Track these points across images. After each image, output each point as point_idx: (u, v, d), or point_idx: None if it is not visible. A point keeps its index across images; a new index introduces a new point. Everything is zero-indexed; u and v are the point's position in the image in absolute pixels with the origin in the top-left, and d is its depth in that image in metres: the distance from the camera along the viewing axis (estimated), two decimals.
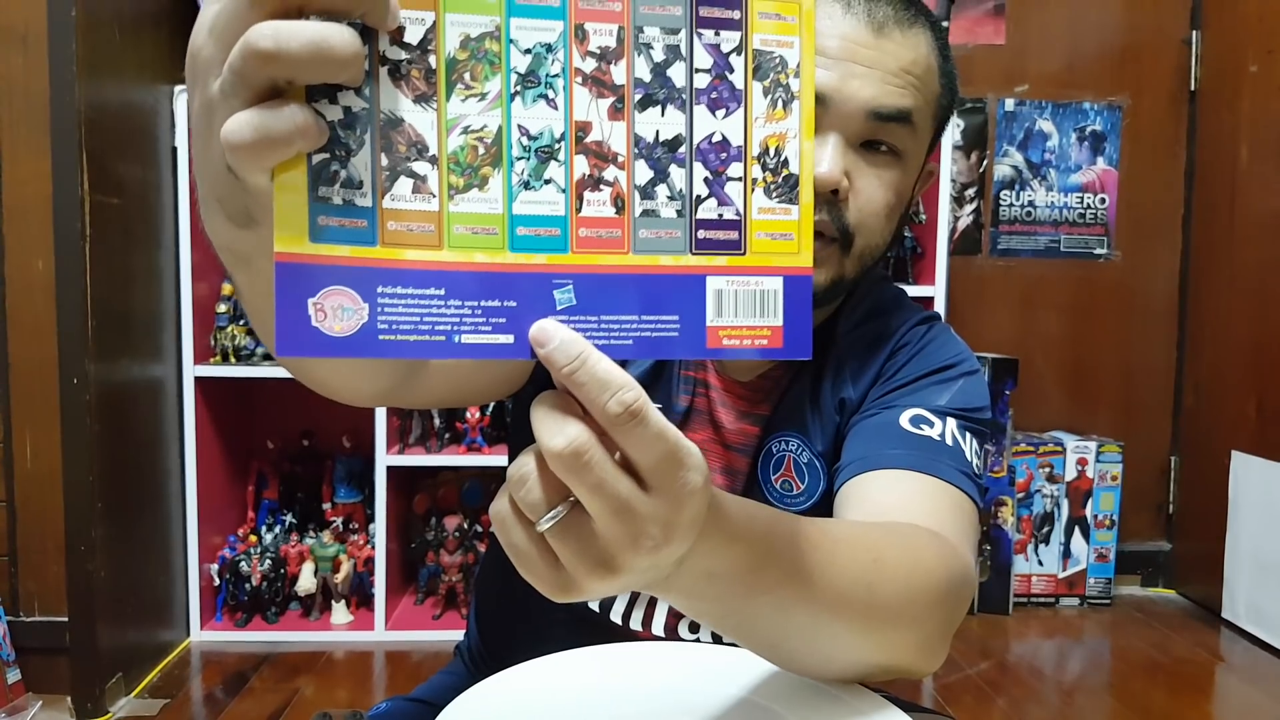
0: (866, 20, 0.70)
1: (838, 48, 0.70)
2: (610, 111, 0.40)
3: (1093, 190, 2.55)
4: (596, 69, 0.39)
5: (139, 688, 1.90)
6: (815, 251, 0.58)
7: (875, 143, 0.72)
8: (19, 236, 1.75)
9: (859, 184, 0.71)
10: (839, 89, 0.70)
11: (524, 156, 0.39)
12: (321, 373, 0.57)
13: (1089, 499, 2.41)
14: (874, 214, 0.72)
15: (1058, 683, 2.02)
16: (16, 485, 1.79)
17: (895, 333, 0.80)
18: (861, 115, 0.70)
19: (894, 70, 0.70)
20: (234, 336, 2.08)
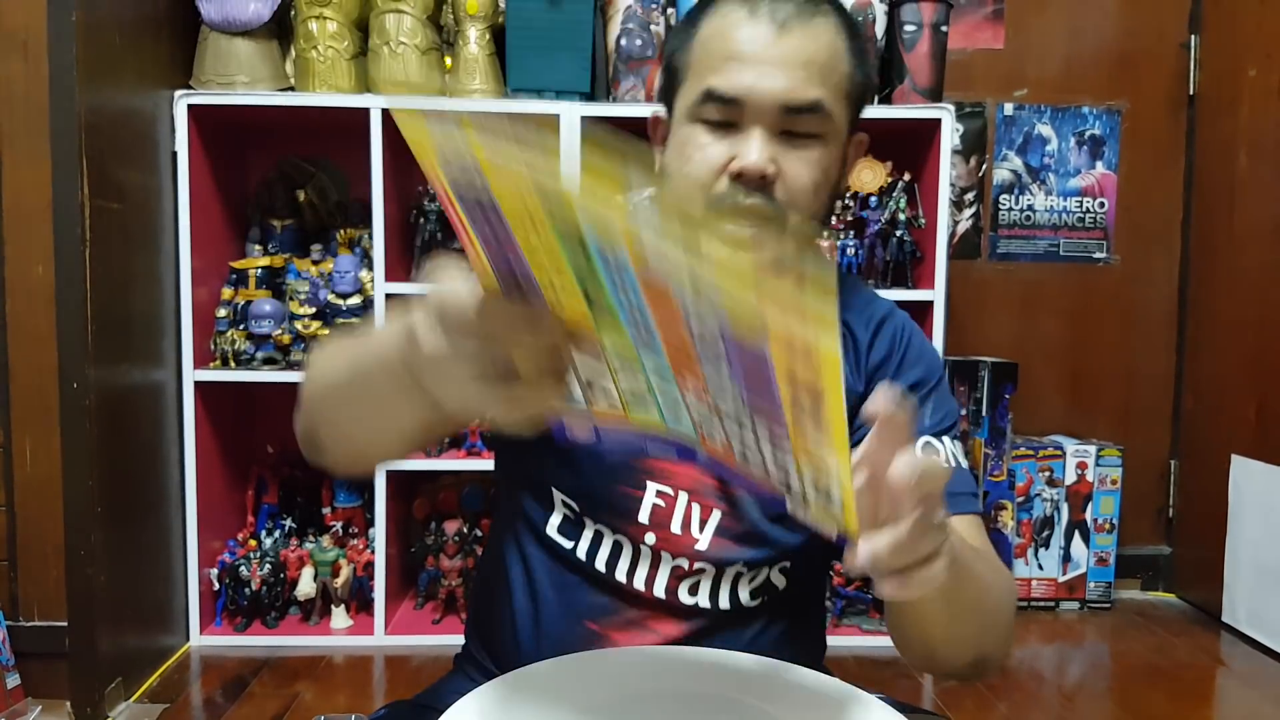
0: (769, 21, 0.78)
1: (747, 51, 0.78)
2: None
3: (1092, 194, 2.55)
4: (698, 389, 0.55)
5: (138, 693, 1.90)
6: (754, 234, 0.65)
7: (795, 131, 0.79)
8: (19, 242, 1.75)
9: (785, 168, 0.79)
10: (752, 89, 0.78)
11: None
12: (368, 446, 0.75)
13: (1089, 503, 2.41)
14: (802, 191, 0.80)
15: (1058, 687, 2.02)
16: (16, 490, 1.79)
17: (870, 333, 0.88)
18: (776, 110, 0.78)
19: (800, 64, 0.78)
20: (234, 341, 2.09)
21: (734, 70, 0.78)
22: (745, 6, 0.79)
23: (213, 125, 2.10)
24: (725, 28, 0.80)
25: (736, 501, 0.83)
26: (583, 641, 0.83)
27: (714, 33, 0.80)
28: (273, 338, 2.09)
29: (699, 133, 0.80)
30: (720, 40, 0.79)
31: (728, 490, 0.83)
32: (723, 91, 0.78)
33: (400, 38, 2.04)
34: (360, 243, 2.20)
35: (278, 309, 2.11)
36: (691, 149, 0.80)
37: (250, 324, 2.09)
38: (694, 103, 0.80)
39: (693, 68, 0.82)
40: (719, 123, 0.80)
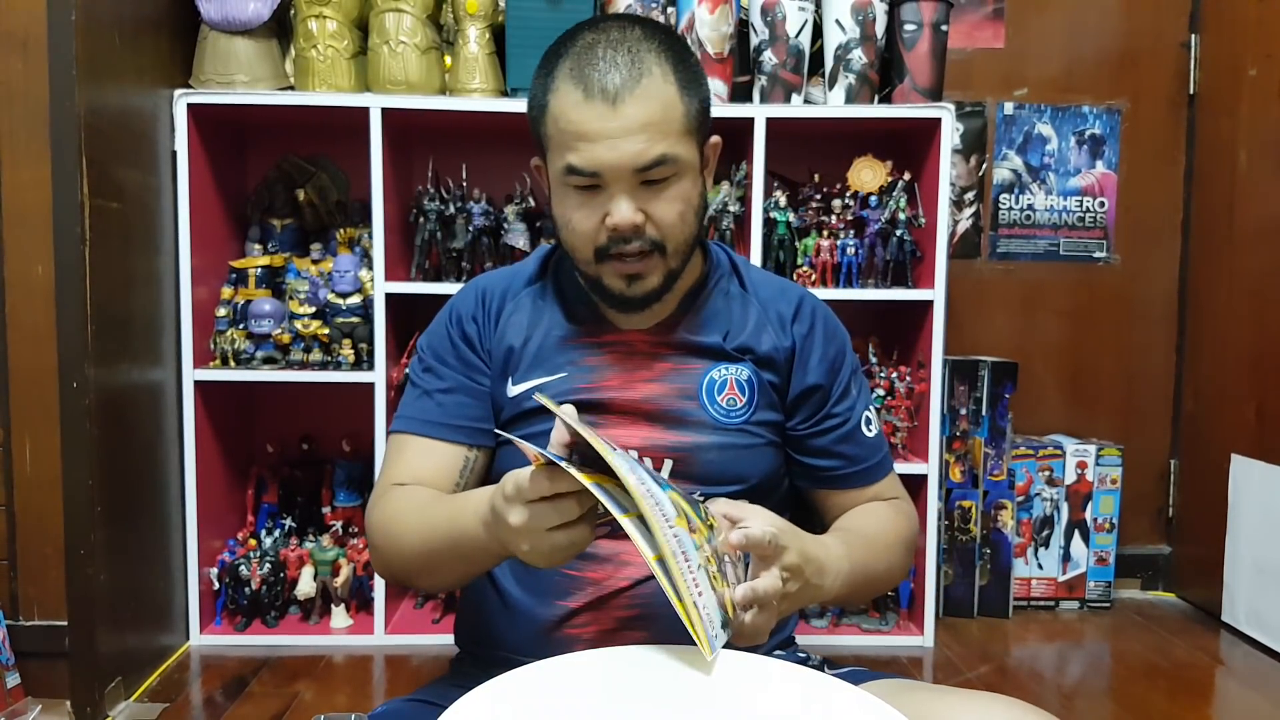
0: (601, 98, 0.89)
1: (592, 130, 0.89)
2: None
3: (1092, 194, 2.55)
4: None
5: (138, 692, 1.90)
6: (644, 266, 0.95)
7: (651, 180, 0.92)
8: (19, 241, 1.75)
9: (652, 211, 0.92)
10: (603, 163, 0.90)
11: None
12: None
13: (1089, 502, 2.41)
14: (671, 224, 0.94)
15: (1058, 686, 2.02)
16: (16, 490, 1.79)
17: (788, 307, 1.06)
18: (629, 173, 0.90)
19: (639, 129, 0.89)
20: (234, 340, 2.09)
21: (585, 148, 0.90)
22: (580, 87, 0.90)
23: (213, 124, 2.10)
24: (568, 109, 0.91)
25: (686, 452, 0.99)
26: (558, 589, 0.96)
27: (560, 113, 0.92)
28: (272, 337, 2.09)
29: (572, 196, 0.94)
30: (567, 121, 0.91)
31: (678, 448, 0.99)
32: (580, 168, 0.91)
33: (400, 37, 2.04)
34: (360, 242, 2.20)
35: (277, 308, 2.11)
36: (570, 211, 0.95)
37: (250, 323, 2.09)
38: (561, 172, 0.93)
39: (552, 140, 0.94)
40: (586, 187, 0.92)
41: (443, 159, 2.24)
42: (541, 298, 1.06)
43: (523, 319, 1.04)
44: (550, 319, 1.04)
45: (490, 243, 2.14)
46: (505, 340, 1.03)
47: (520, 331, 1.03)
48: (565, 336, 1.02)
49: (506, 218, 2.15)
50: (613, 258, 0.94)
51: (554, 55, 0.95)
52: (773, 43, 2.11)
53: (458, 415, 1.02)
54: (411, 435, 1.03)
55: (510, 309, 1.05)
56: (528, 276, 1.08)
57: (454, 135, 2.31)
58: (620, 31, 0.92)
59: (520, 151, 2.26)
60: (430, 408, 1.03)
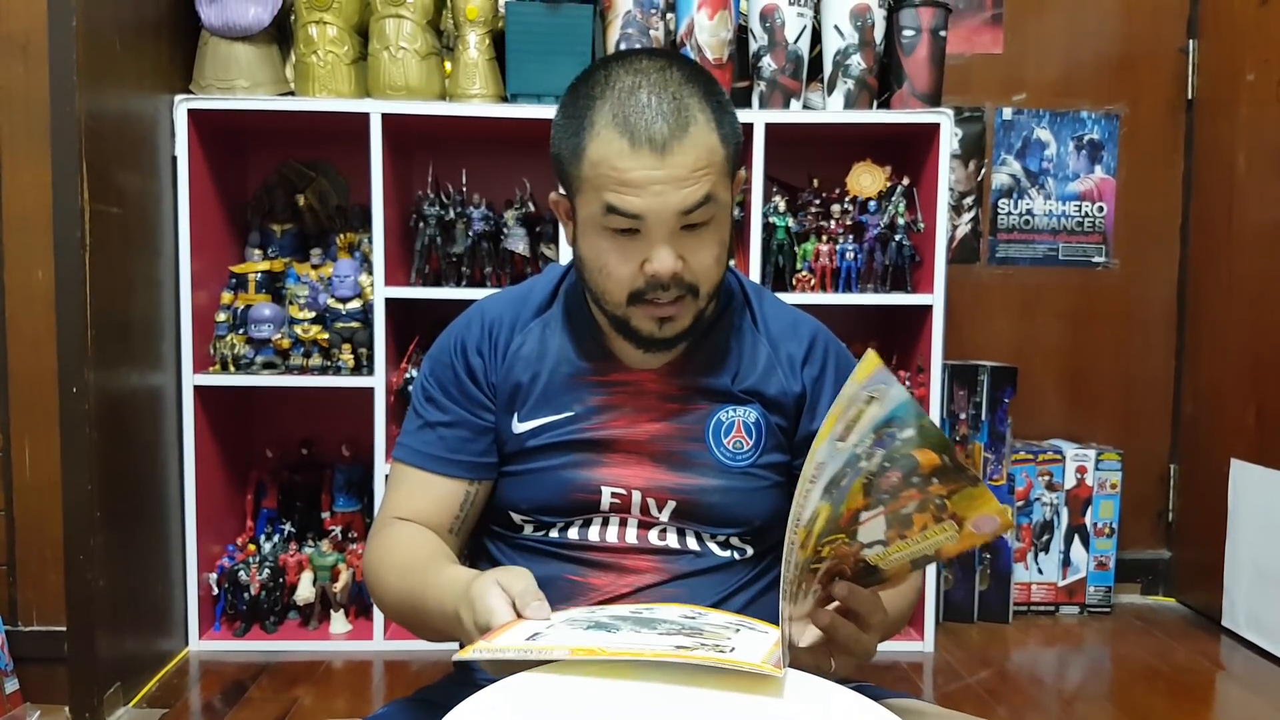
0: (649, 146, 0.87)
1: (638, 178, 0.87)
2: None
3: (1091, 199, 2.55)
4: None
5: (137, 697, 1.90)
6: (677, 309, 0.93)
7: (691, 224, 0.90)
8: (19, 246, 1.75)
9: (690, 257, 0.91)
10: (650, 208, 0.88)
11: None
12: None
13: (1088, 507, 2.41)
14: (708, 269, 0.93)
15: (1058, 691, 2.02)
16: (15, 495, 1.79)
17: (798, 346, 1.03)
18: (674, 218, 0.89)
19: (686, 177, 0.88)
20: (233, 345, 2.09)
21: (629, 194, 0.88)
22: (625, 136, 0.87)
23: (213, 130, 2.11)
24: (611, 157, 0.88)
25: (689, 494, 0.97)
26: (561, 594, 0.93)
27: (601, 159, 0.89)
28: (272, 342, 2.09)
29: (606, 240, 0.92)
30: (609, 168, 0.88)
31: (681, 489, 0.97)
32: (625, 210, 0.88)
33: (400, 42, 2.04)
34: (360, 247, 2.20)
35: (277, 313, 2.11)
36: (606, 256, 0.92)
37: (250, 328, 2.09)
38: (598, 213, 0.90)
39: (588, 182, 0.91)
40: (624, 230, 0.90)
41: (443, 164, 2.24)
42: (550, 330, 1.03)
43: (530, 353, 1.02)
44: (558, 354, 1.01)
45: (490, 247, 2.14)
46: (512, 376, 1.01)
47: (528, 367, 1.01)
48: (573, 374, 1.00)
49: (506, 223, 2.15)
50: (647, 302, 0.92)
51: (587, 96, 0.91)
52: (771, 48, 2.12)
53: (459, 449, 1.01)
54: (412, 467, 1.02)
55: (518, 343, 1.02)
56: (537, 305, 1.05)
57: (454, 140, 2.31)
58: (660, 74, 0.90)
59: (520, 157, 2.27)
60: (431, 440, 1.01)
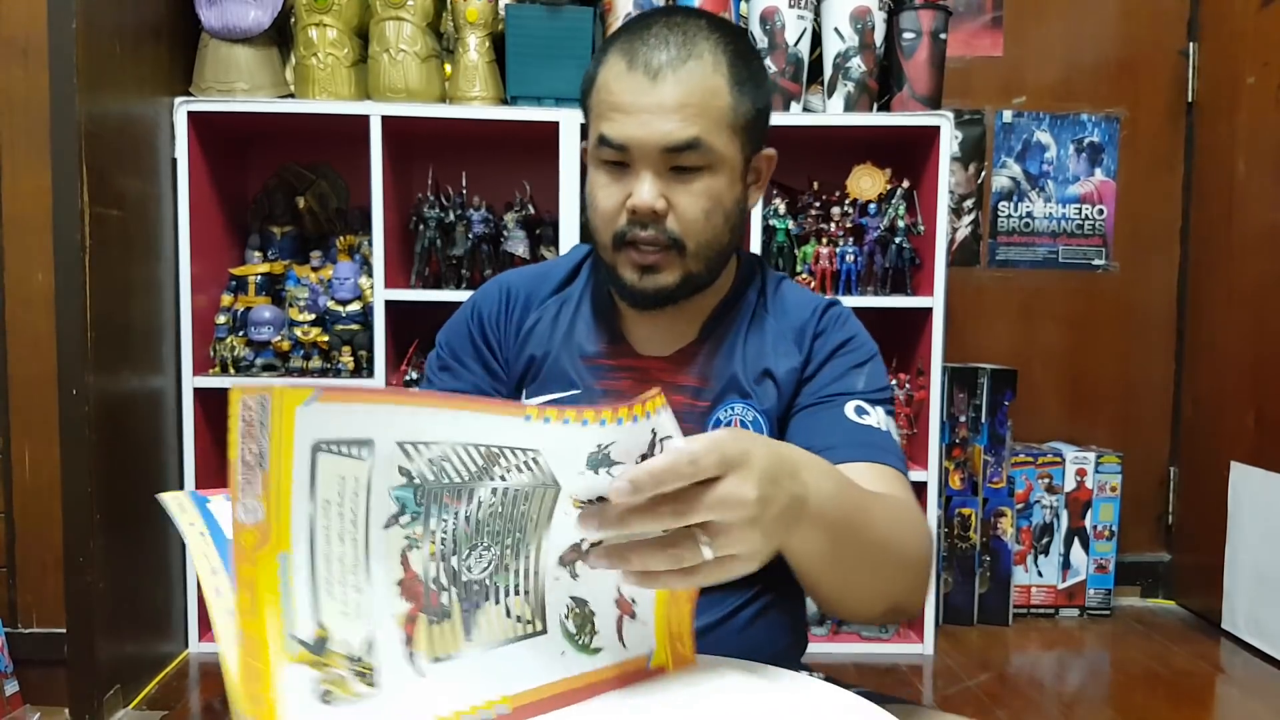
0: (644, 71, 0.87)
1: (627, 101, 0.87)
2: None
3: (1091, 201, 2.55)
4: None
5: (137, 699, 1.89)
6: (660, 259, 0.89)
7: (681, 167, 0.88)
8: (19, 249, 1.75)
9: (676, 200, 0.89)
10: (633, 136, 0.87)
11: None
12: None
13: (1088, 510, 2.41)
14: (694, 220, 0.89)
15: (1058, 694, 2.02)
16: (15, 497, 1.79)
17: (810, 315, 0.99)
18: (657, 152, 0.87)
19: (673, 109, 0.86)
20: (233, 348, 2.09)
21: (618, 119, 0.88)
22: (625, 58, 0.88)
23: (213, 132, 2.11)
24: (610, 79, 0.89)
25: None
26: None
27: (603, 83, 0.90)
28: (272, 344, 2.10)
29: (600, 174, 0.92)
30: (607, 91, 0.90)
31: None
32: (611, 139, 0.88)
33: (400, 45, 2.05)
34: (360, 250, 2.20)
35: (277, 316, 2.11)
36: (596, 189, 0.92)
37: (250, 330, 2.09)
38: (594, 146, 0.91)
39: (593, 112, 0.92)
40: (615, 163, 0.90)
41: (442, 167, 2.25)
42: (567, 308, 1.02)
43: (545, 329, 1.00)
44: (572, 334, 1.00)
45: (490, 250, 2.14)
46: (526, 350, 1.00)
47: (541, 343, 1.00)
48: (585, 355, 0.99)
49: (506, 225, 2.15)
50: (630, 245, 0.90)
51: (617, 32, 0.93)
52: (772, 50, 2.12)
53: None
54: None
55: (534, 318, 1.01)
56: (557, 282, 1.04)
57: (454, 143, 2.31)
58: (684, 18, 0.90)
59: (520, 159, 2.27)
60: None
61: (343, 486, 0.52)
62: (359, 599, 0.53)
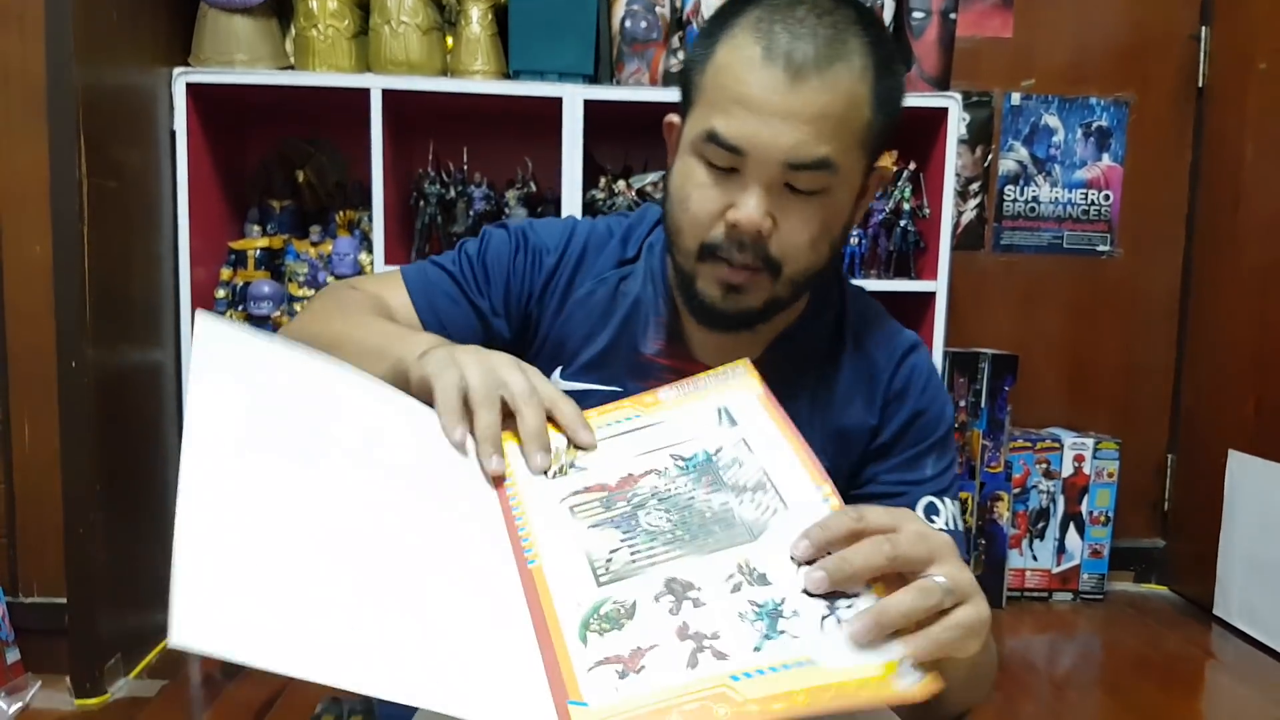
0: (784, 66, 0.72)
1: (756, 97, 0.73)
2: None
3: (1097, 186, 2.53)
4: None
5: (137, 669, 1.91)
6: (748, 280, 0.77)
7: (796, 185, 0.76)
8: (16, 221, 1.74)
9: (783, 222, 0.76)
10: (754, 142, 0.73)
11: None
12: None
13: (1085, 495, 2.41)
14: (798, 246, 0.77)
15: (1049, 677, 2.03)
16: (15, 469, 1.80)
17: (888, 365, 0.87)
18: (778, 165, 0.74)
19: (810, 119, 0.73)
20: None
21: (739, 116, 0.73)
22: (762, 43, 0.73)
23: (212, 104, 2.08)
24: (738, 64, 0.74)
25: None
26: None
27: (726, 65, 0.75)
28: (272, 320, 2.09)
29: (699, 171, 0.77)
30: (731, 77, 0.74)
31: None
32: (725, 138, 0.74)
33: (401, 16, 2.02)
34: (359, 225, 2.19)
35: (276, 291, 2.10)
36: (691, 187, 0.78)
37: (249, 305, 2.09)
38: (698, 136, 0.77)
39: (704, 94, 0.77)
40: (720, 165, 0.76)
41: (443, 142, 2.22)
42: (626, 289, 0.89)
43: (596, 308, 0.88)
44: (624, 323, 0.88)
45: None
46: (567, 327, 0.88)
47: (587, 322, 0.88)
48: (634, 350, 0.87)
49: (508, 202, 2.13)
50: (718, 259, 0.78)
51: (742, 1, 0.78)
52: None
53: (455, 329, 0.87)
54: (409, 301, 0.88)
55: (587, 289, 0.88)
56: (622, 254, 0.90)
57: (455, 117, 2.29)
58: (833, 4, 0.76)
59: (522, 136, 2.25)
60: (444, 304, 0.87)
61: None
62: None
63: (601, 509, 0.62)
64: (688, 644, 0.52)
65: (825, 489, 0.61)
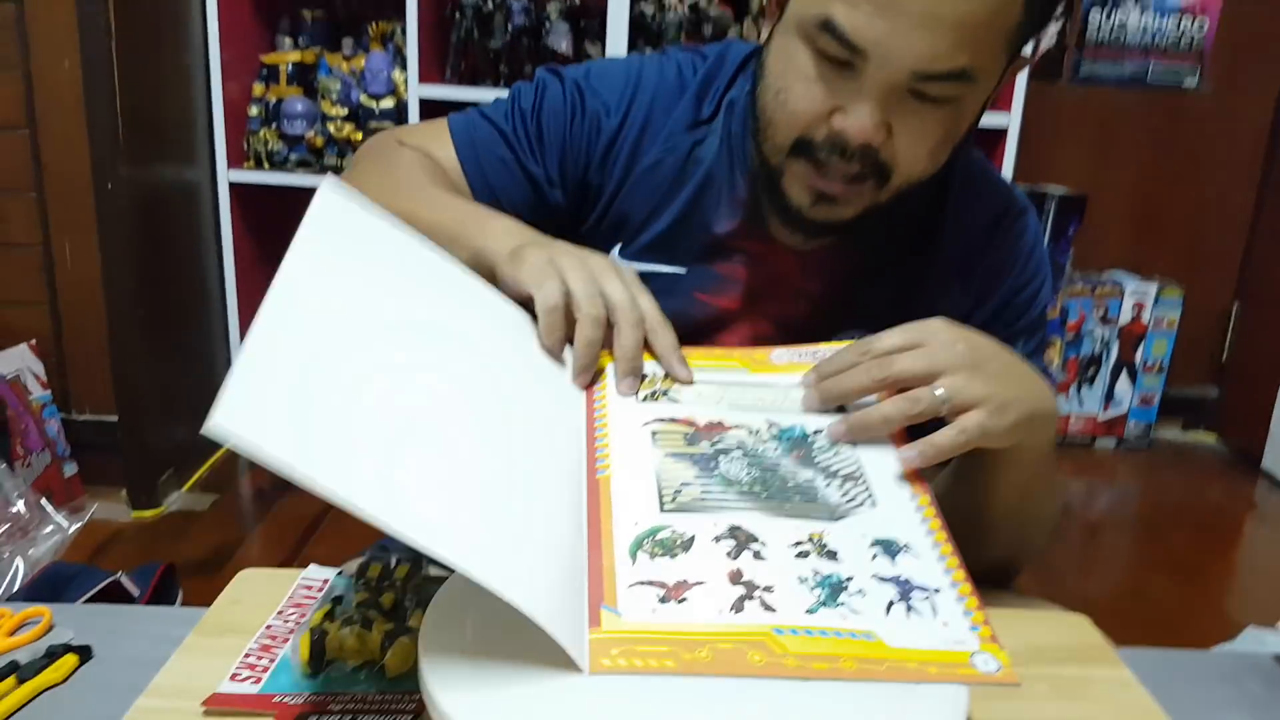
0: None
1: None
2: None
3: (1193, 12, 2.31)
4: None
5: (190, 482, 1.98)
6: (846, 191, 0.67)
7: (923, 93, 0.63)
8: (44, 34, 1.67)
9: (900, 131, 0.64)
10: (881, 43, 0.60)
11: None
12: None
13: (1141, 343, 2.34)
14: (915, 157, 0.66)
15: (1083, 520, 2.03)
16: (59, 291, 1.81)
17: (981, 236, 0.77)
18: (905, 73, 0.61)
19: (951, 24, 0.59)
20: (266, 141, 2.02)
21: (865, 10, 0.60)
22: None
23: None
24: None
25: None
26: None
27: None
28: (305, 139, 2.03)
29: (805, 59, 0.64)
30: None
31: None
32: (846, 34, 0.61)
33: None
34: (393, 39, 2.08)
35: (309, 108, 2.03)
36: (793, 78, 0.65)
37: (283, 123, 2.02)
38: (810, 20, 0.62)
39: None
40: (834, 59, 0.63)
41: None
42: (699, 156, 0.77)
43: (662, 180, 0.77)
44: (694, 197, 0.76)
45: (530, 44, 2.01)
46: (630, 200, 0.77)
47: (653, 196, 0.77)
48: (704, 228, 0.77)
49: (548, 17, 2.00)
50: (813, 162, 0.66)
51: None
52: None
53: (506, 198, 0.78)
54: (458, 161, 0.79)
55: (656, 156, 0.77)
56: (699, 111, 0.77)
57: None
58: None
59: None
60: (496, 170, 0.78)
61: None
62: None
63: (684, 442, 0.59)
64: (737, 589, 0.49)
65: (922, 496, 0.56)
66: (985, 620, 0.48)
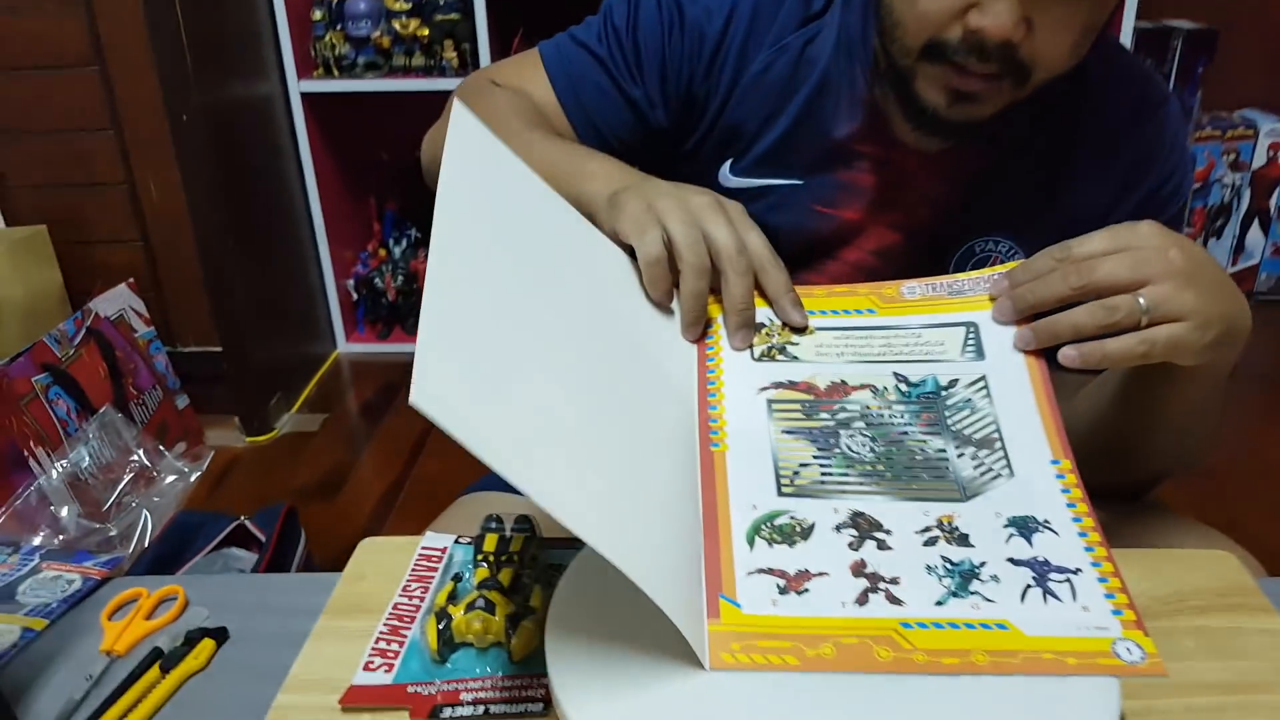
0: None
1: None
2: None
3: None
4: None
5: (298, 403, 2.00)
6: (985, 88, 0.62)
7: None
8: None
9: (1041, 25, 0.59)
10: None
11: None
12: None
13: (1276, 188, 2.16)
14: (1057, 55, 0.60)
15: None
16: (149, 227, 1.79)
17: (1131, 131, 0.71)
18: None
19: None
20: (333, 45, 1.94)
21: None
22: None
23: None
24: None
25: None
26: None
27: None
28: (372, 40, 1.93)
29: None
30: None
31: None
32: None
33: None
34: None
35: (373, 7, 1.92)
36: None
37: (348, 25, 1.93)
38: None
39: None
40: None
41: None
42: (811, 56, 0.70)
43: (773, 86, 0.70)
44: (810, 100, 0.70)
45: None
46: (739, 111, 0.72)
47: (764, 105, 0.71)
48: (823, 133, 0.71)
49: None
50: (948, 64, 0.61)
51: None
52: None
53: (608, 127, 0.74)
54: (554, 96, 0.75)
55: (763, 63, 0.70)
56: (801, 12, 0.71)
57: None
58: None
59: None
60: (593, 99, 0.74)
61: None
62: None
63: (802, 415, 0.55)
64: (861, 581, 0.47)
65: (1064, 463, 0.51)
66: (1129, 603, 0.45)
